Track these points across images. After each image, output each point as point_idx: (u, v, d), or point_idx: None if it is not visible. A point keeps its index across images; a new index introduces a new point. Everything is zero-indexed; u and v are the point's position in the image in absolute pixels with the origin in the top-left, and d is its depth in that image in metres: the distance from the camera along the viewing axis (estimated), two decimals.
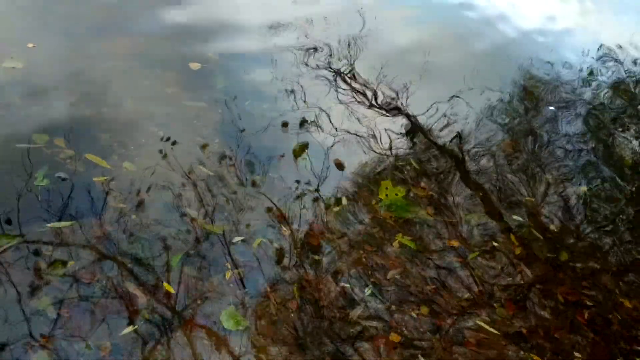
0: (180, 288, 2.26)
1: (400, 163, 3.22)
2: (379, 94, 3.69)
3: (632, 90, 4.56)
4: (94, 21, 3.53)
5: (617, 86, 4.54)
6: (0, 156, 2.54)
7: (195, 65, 3.38)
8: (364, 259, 2.62)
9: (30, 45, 3.10)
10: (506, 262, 2.82)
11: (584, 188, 3.44)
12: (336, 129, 3.31)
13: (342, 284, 2.48)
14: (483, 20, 4.91)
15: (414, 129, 3.50)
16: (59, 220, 2.35)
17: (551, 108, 3.99)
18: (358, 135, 3.31)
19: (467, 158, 3.40)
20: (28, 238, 2.25)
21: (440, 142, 3.47)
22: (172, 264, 2.33)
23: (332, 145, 3.18)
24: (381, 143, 3.31)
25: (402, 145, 3.35)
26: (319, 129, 3.27)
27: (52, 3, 3.60)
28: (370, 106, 3.58)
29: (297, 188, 2.87)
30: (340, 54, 3.93)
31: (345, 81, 3.72)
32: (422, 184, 3.11)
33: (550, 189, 3.37)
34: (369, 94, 3.68)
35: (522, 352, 2.42)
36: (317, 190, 2.89)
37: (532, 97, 4.12)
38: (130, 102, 3.02)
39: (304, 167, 2.99)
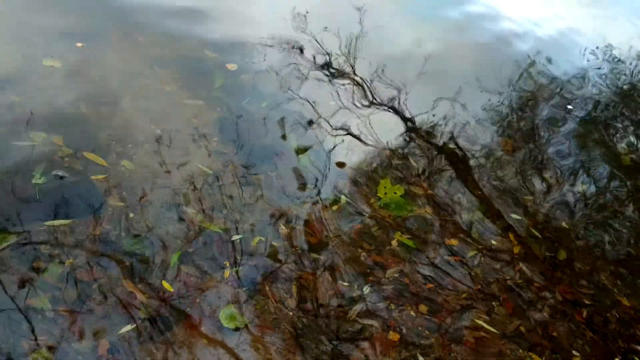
0: (178, 286, 2.26)
1: (399, 162, 3.22)
2: (378, 92, 3.69)
3: (632, 89, 4.57)
4: (92, 19, 3.52)
5: (617, 86, 4.55)
6: None
7: (232, 67, 3.41)
8: (362, 258, 2.61)
9: (79, 44, 3.12)
10: (505, 261, 2.82)
11: (582, 187, 3.44)
12: (335, 127, 3.31)
13: (340, 282, 2.48)
14: (483, 20, 4.91)
15: (413, 128, 3.50)
16: (57, 218, 2.34)
17: (569, 107, 4.00)
18: (357, 134, 3.31)
19: (465, 157, 3.41)
20: (26, 236, 2.24)
21: (439, 141, 3.47)
22: (171, 262, 2.33)
23: (331, 144, 3.18)
24: (380, 142, 3.31)
25: (401, 144, 3.35)
26: (318, 127, 3.26)
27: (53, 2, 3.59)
28: (369, 105, 3.58)
29: (295, 186, 2.86)
30: (340, 53, 3.93)
31: (344, 80, 3.71)
32: (421, 183, 3.11)
33: (549, 187, 3.37)
34: (368, 92, 3.68)
35: (520, 351, 2.43)
36: (316, 188, 2.89)
37: (531, 96, 4.12)
38: (128, 101, 3.01)
39: (303, 166, 2.99)
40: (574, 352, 2.48)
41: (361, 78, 3.76)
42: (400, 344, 2.30)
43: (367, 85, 3.72)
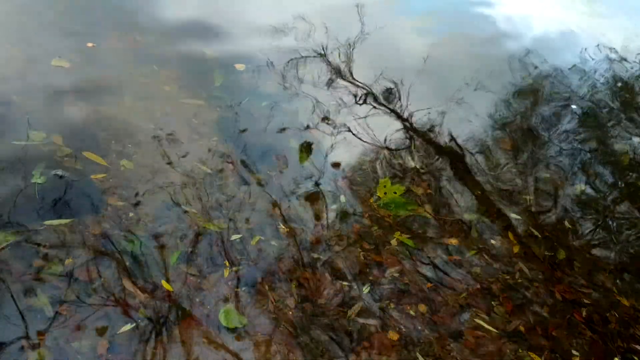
0: (178, 286, 2.26)
1: (399, 161, 3.22)
2: (378, 92, 3.69)
3: (632, 90, 4.57)
4: (89, 18, 3.52)
5: (617, 86, 4.55)
6: None
7: (240, 66, 3.41)
8: (362, 257, 2.62)
9: (90, 44, 3.12)
10: (504, 261, 2.82)
11: (581, 187, 3.45)
12: (335, 127, 3.31)
13: (340, 281, 2.48)
14: (484, 20, 4.91)
15: (413, 128, 3.50)
16: (56, 218, 2.34)
17: (574, 107, 4.00)
18: (357, 134, 3.31)
19: (465, 156, 3.41)
20: (25, 236, 2.24)
21: (439, 140, 3.47)
22: (171, 262, 2.33)
23: (331, 144, 3.18)
24: (380, 141, 3.31)
25: (401, 143, 3.35)
26: (318, 127, 3.26)
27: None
28: (370, 104, 3.58)
29: (295, 186, 2.86)
30: (340, 53, 3.92)
31: (344, 79, 3.71)
32: (421, 182, 3.11)
33: (549, 187, 3.37)
34: (368, 92, 3.68)
35: (520, 351, 2.43)
36: (315, 188, 2.89)
37: (531, 96, 4.12)
38: (128, 100, 3.01)
39: (303, 165, 2.99)
40: (574, 352, 2.49)
41: (362, 77, 3.76)
42: (399, 344, 2.31)
43: (368, 84, 3.72)
